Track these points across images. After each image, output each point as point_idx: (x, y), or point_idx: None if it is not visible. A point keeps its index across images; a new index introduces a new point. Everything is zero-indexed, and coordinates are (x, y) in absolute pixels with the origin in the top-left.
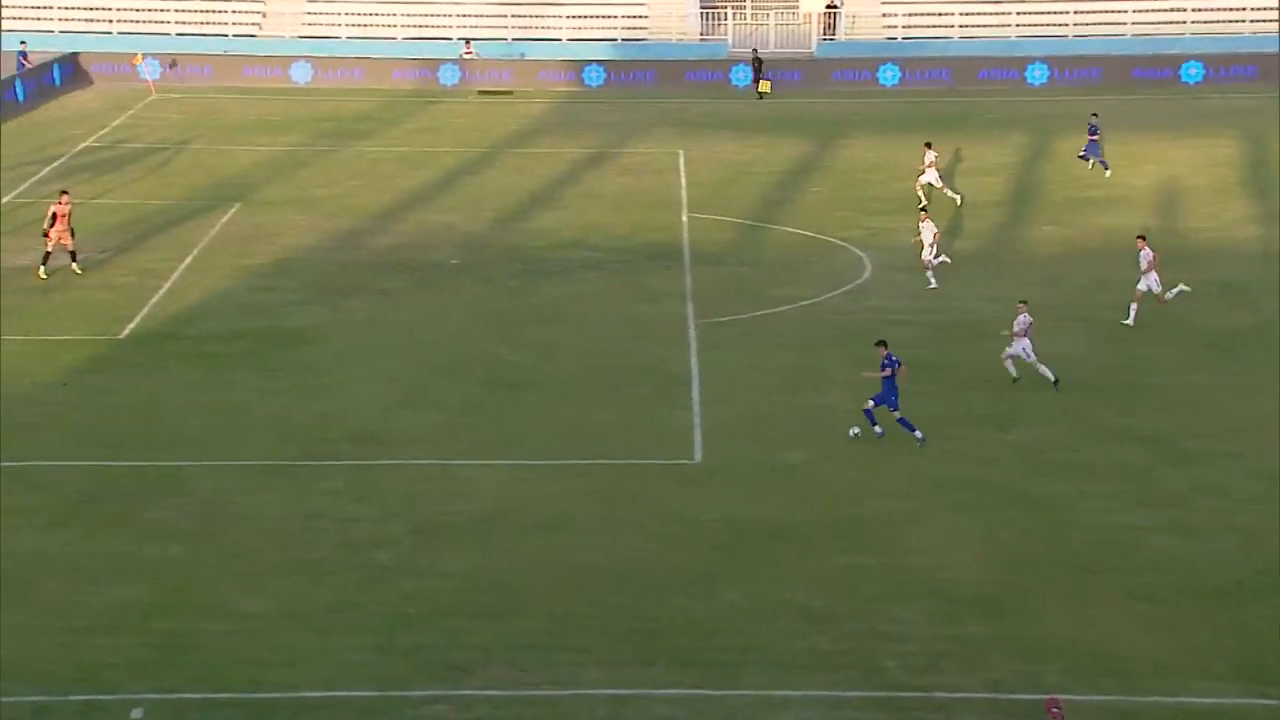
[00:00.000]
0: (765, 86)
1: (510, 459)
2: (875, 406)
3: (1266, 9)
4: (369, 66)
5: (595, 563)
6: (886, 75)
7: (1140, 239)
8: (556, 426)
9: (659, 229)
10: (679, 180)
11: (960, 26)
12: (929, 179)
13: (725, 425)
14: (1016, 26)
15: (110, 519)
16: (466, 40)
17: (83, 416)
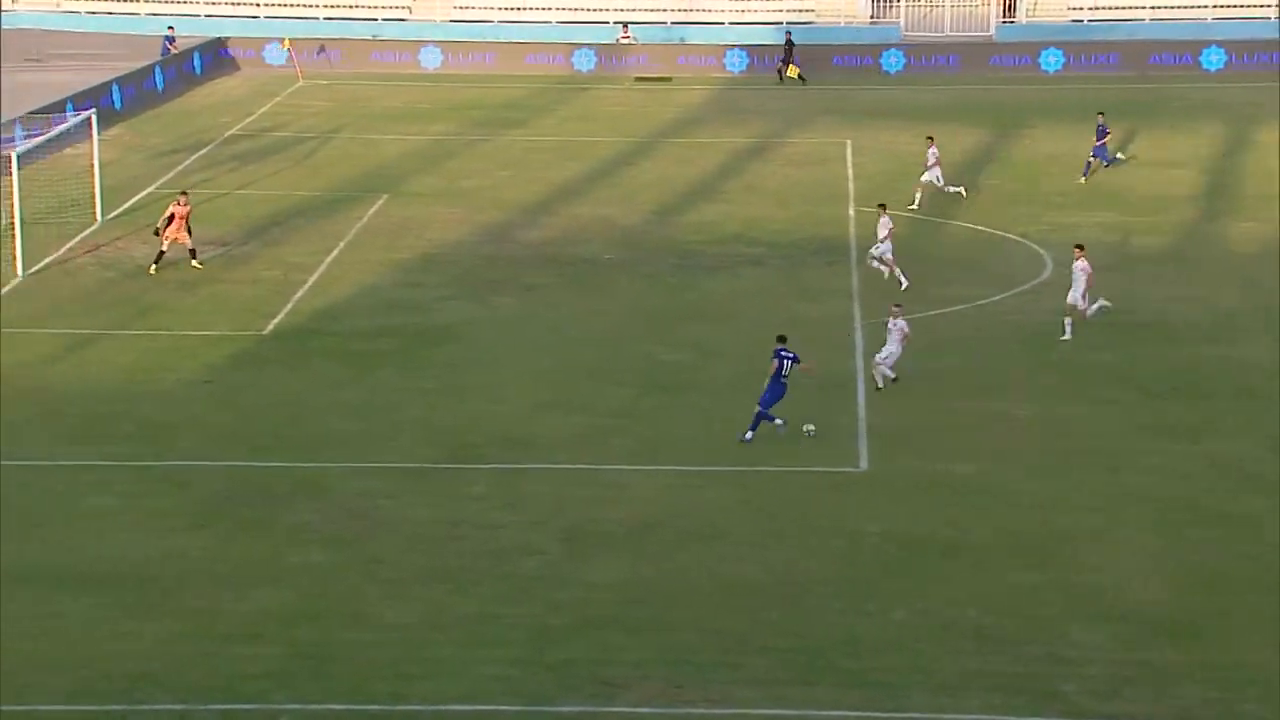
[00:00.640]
0: (794, 72)
1: (664, 465)
2: (763, 410)
3: None
4: (502, 52)
5: (753, 576)
6: (1049, 60)
7: (1078, 248)
8: (713, 431)
9: (824, 223)
10: (846, 172)
11: (1151, 8)
12: (930, 176)
13: (892, 432)
14: (1206, 8)
15: (252, 522)
16: (624, 24)
17: (224, 415)
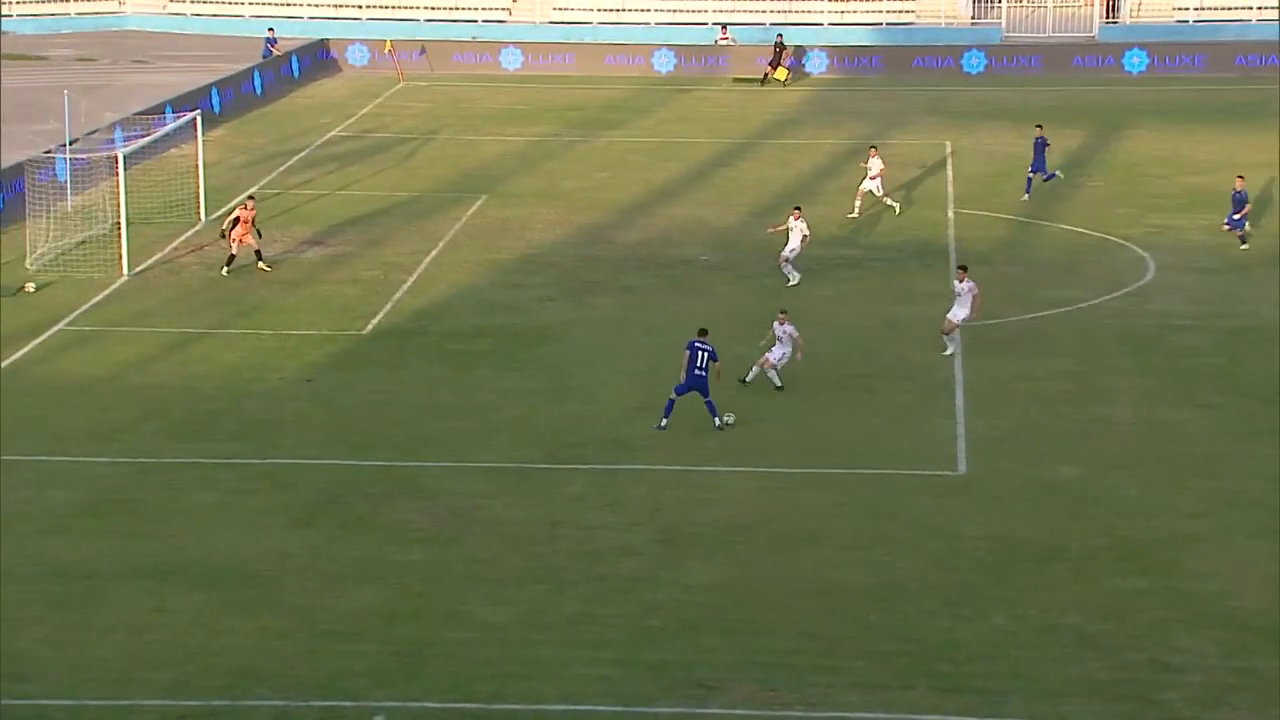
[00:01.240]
0: (782, 74)
1: (760, 467)
2: (707, 401)
3: None
4: (581, 52)
5: (850, 579)
6: (1133, 61)
7: (961, 269)
8: (810, 434)
9: (923, 225)
10: (945, 174)
11: (1259, 8)
12: (871, 186)
13: (991, 436)
14: None
15: (353, 521)
16: (723, 25)
17: (325, 414)
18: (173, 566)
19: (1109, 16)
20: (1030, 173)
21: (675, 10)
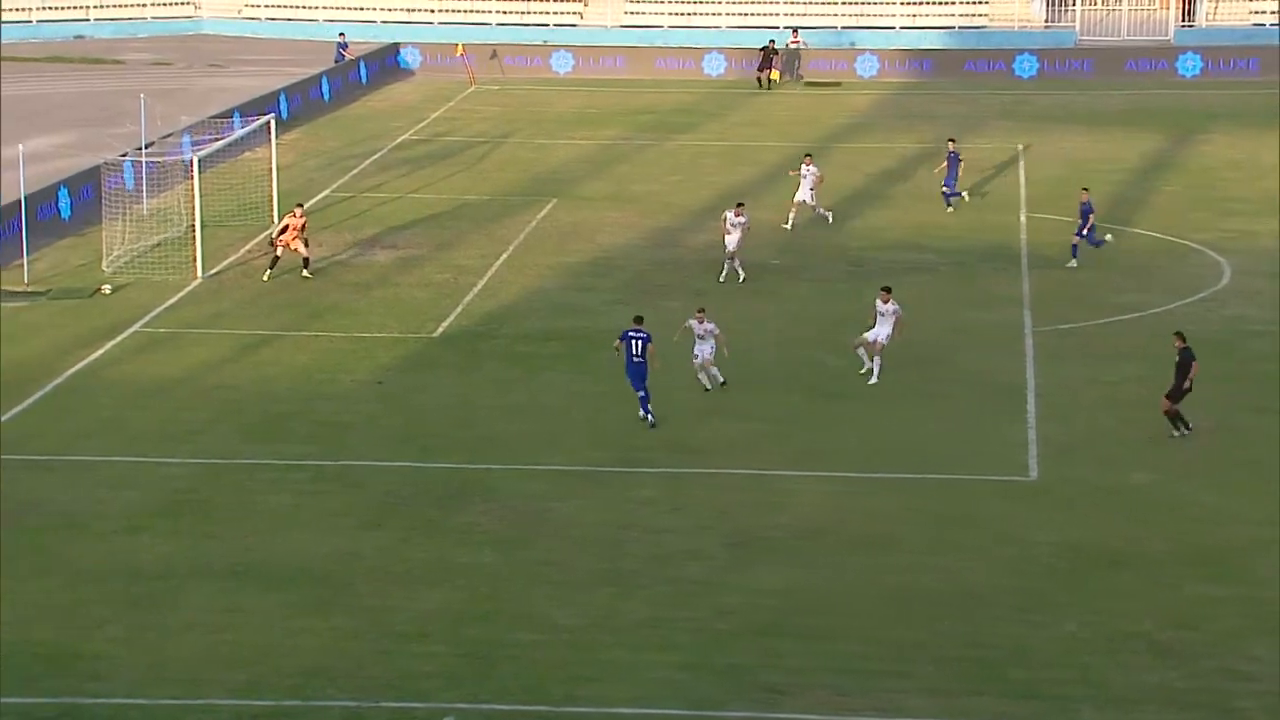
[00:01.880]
0: (775, 75)
1: (830, 471)
2: (641, 395)
3: None
4: (632, 56)
5: (921, 584)
6: (1187, 65)
7: (884, 289)
8: (880, 438)
9: (995, 229)
10: (1018, 177)
11: None
12: (804, 196)
13: (1064, 441)
14: None
15: (423, 522)
16: (794, 29)
17: (396, 416)
18: (245, 567)
19: (1184, 20)
20: (944, 188)
21: (747, 14)
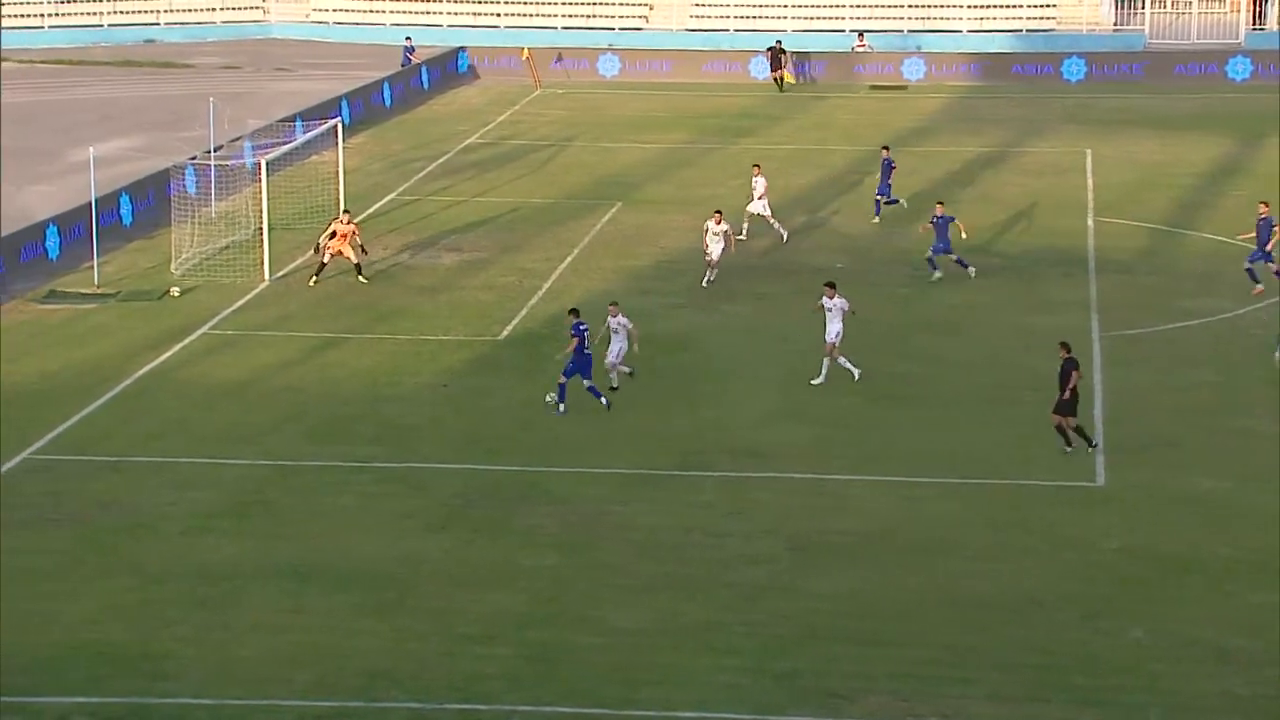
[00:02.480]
0: (788, 76)
1: (892, 476)
2: (566, 380)
3: None
4: (677, 60)
5: (984, 590)
6: (1236, 69)
7: (828, 285)
8: (943, 443)
9: (1061, 234)
10: (1085, 181)
11: None
12: (757, 207)
13: (1130, 447)
14: None
15: (487, 525)
16: (860, 33)
17: (462, 419)
18: (311, 568)
19: (1255, 23)
20: (877, 195)
21: (813, 18)
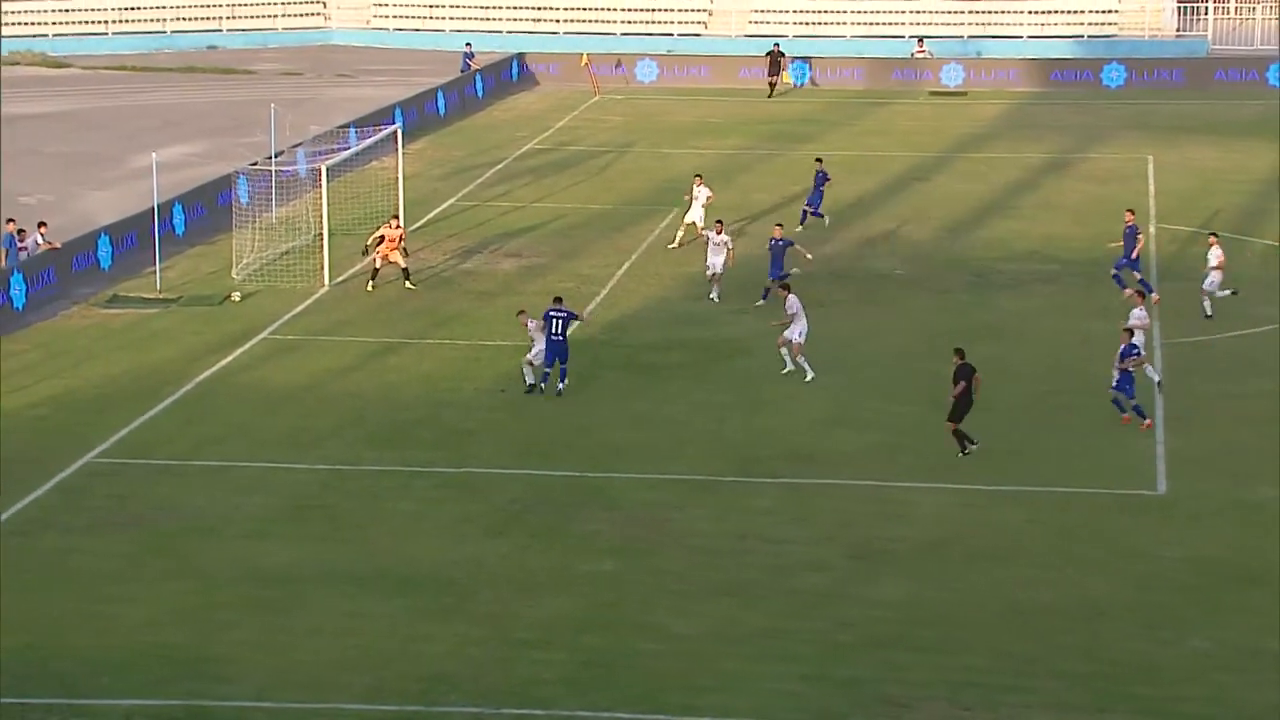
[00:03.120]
0: (787, 79)
1: (953, 483)
2: (562, 367)
3: None
4: (715, 65)
5: (1045, 598)
6: (1276, 76)
7: (782, 286)
8: (1003, 450)
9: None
10: (1147, 188)
11: None
12: (694, 217)
13: (1193, 456)
14: None
15: (545, 530)
16: (920, 39)
17: (518, 424)
18: (370, 572)
19: None
20: (806, 205)
21: (871, 24)
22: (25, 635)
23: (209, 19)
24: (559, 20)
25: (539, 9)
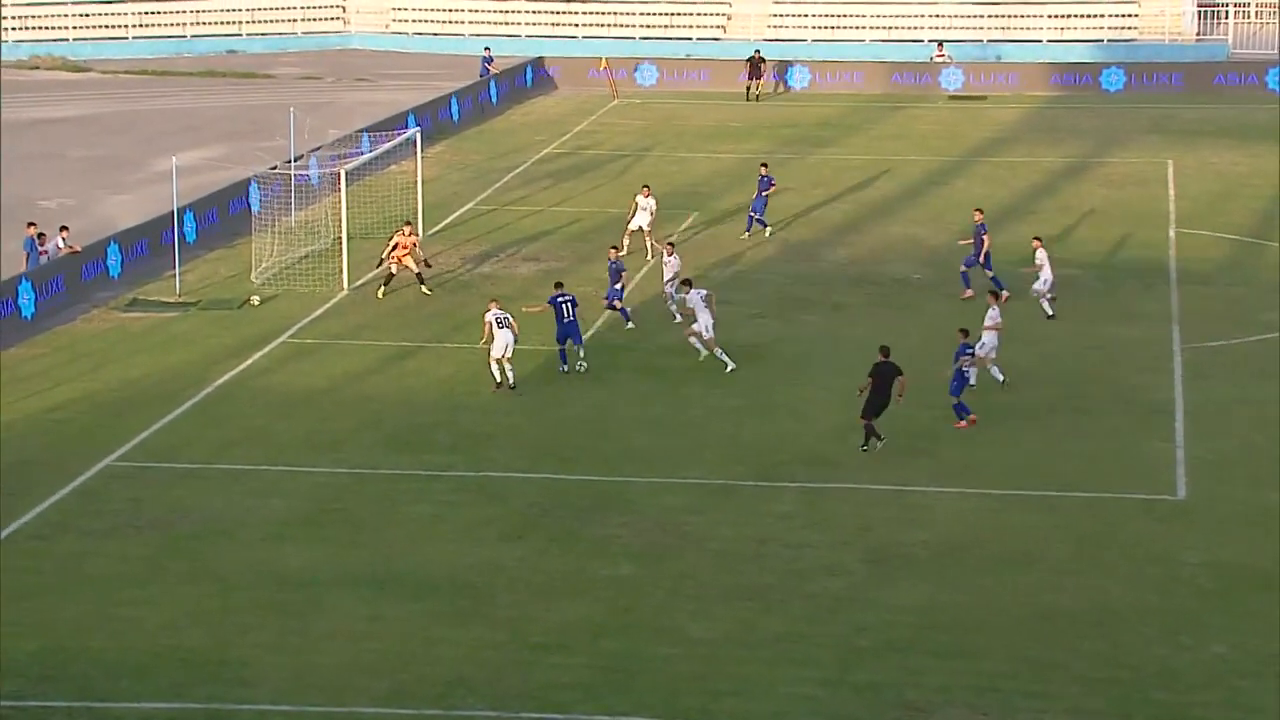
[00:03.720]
0: (764, 86)
1: (971, 488)
2: (578, 344)
3: None
4: (715, 69)
5: (1064, 603)
6: (1276, 80)
7: (684, 282)
8: (1022, 455)
9: (1142, 245)
10: (1166, 192)
11: None
12: (640, 223)
13: (1212, 460)
14: None
15: (562, 534)
16: (939, 42)
17: (536, 428)
18: (388, 576)
19: None
20: (751, 211)
21: (892, 29)
22: (44, 638)
23: (229, 23)
24: (577, 25)
25: (558, 13)
